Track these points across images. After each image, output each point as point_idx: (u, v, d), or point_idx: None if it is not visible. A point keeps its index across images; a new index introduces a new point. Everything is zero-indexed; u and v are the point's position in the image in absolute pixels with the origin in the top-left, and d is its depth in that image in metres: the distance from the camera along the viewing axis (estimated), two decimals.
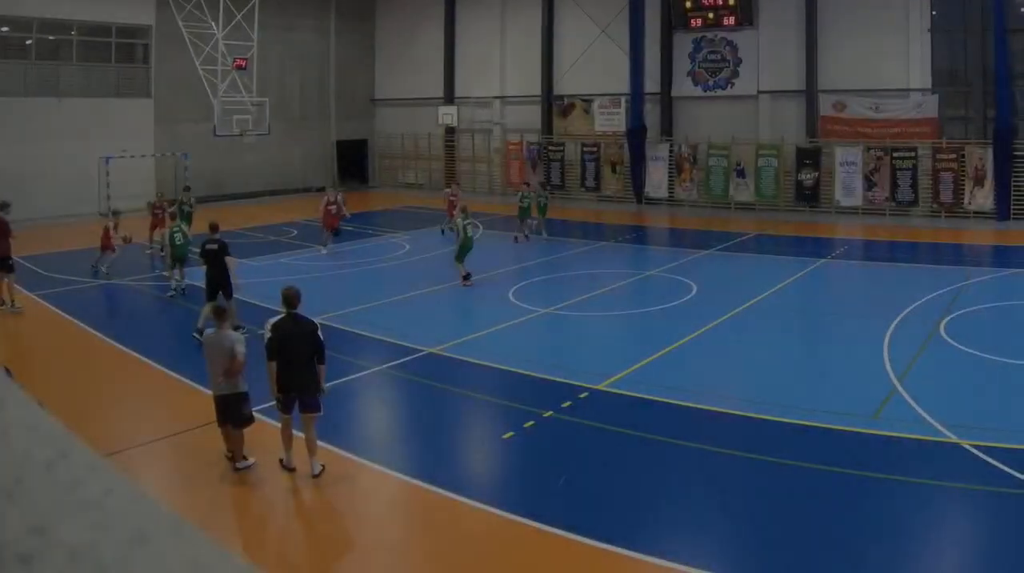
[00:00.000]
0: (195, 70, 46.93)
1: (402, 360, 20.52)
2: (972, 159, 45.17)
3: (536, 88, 58.27)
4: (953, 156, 45.60)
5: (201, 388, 17.31)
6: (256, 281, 28.49)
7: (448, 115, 60.80)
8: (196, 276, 25.73)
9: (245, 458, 14.25)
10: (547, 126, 58.17)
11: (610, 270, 29.46)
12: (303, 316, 14.06)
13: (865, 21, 48.12)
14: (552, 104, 58.03)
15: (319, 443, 14.18)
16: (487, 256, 32.75)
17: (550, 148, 57.50)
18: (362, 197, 59.09)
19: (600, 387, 18.22)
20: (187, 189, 38.23)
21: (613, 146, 54.96)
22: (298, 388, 13.78)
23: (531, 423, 16.22)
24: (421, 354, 21.00)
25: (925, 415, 16.04)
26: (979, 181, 45.15)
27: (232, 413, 14.17)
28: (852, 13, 48.41)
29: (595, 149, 55.68)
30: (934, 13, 47.28)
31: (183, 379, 19.14)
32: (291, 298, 14.03)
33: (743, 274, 30.97)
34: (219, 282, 22.15)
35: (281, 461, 14.17)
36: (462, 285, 28.33)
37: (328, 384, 14.81)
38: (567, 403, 17.13)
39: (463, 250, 28.66)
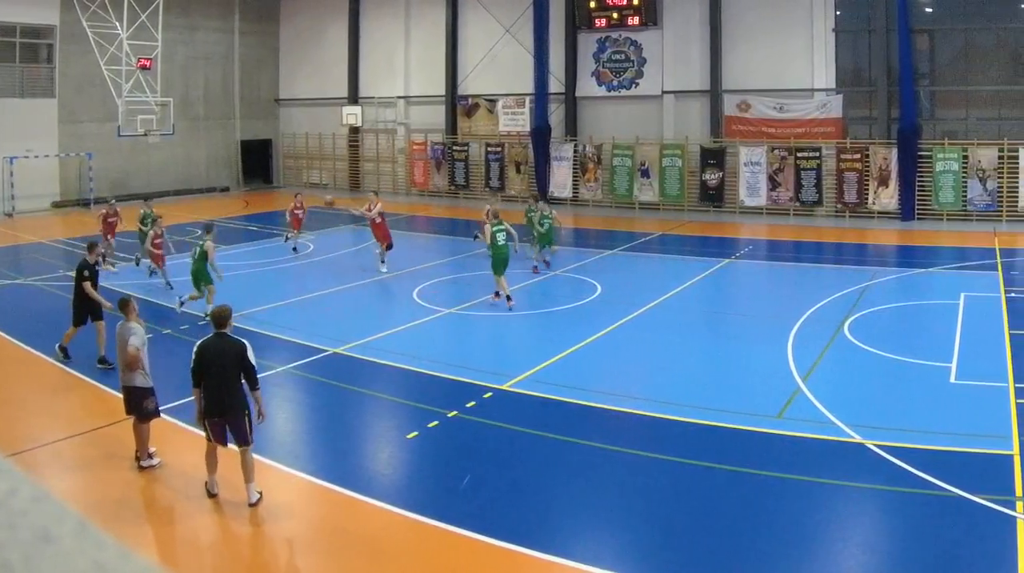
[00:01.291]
0: (99, 70, 44.76)
1: (306, 360, 19.86)
2: (876, 159, 42.92)
3: (440, 88, 55.54)
4: (857, 156, 43.37)
5: (104, 387, 17.48)
6: (159, 281, 27.72)
7: (352, 115, 57.87)
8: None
9: (150, 456, 13.79)
10: (451, 126, 55.34)
11: (514, 270, 27.32)
12: (232, 336, 12.94)
13: (769, 21, 45.86)
14: (456, 104, 55.21)
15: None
16: (391, 256, 31.17)
17: (454, 148, 54.68)
18: (266, 197, 57.15)
19: (504, 387, 17.68)
20: (148, 199, 32.90)
21: (517, 146, 52.39)
22: (221, 412, 12.49)
23: (435, 423, 15.78)
24: (325, 354, 20.39)
25: (829, 415, 15.68)
26: (883, 181, 42.93)
27: (133, 406, 13.75)
28: (756, 13, 46.06)
29: (499, 149, 53.02)
30: (838, 13, 45.03)
31: (87, 379, 18.56)
32: (217, 318, 13.02)
33: (647, 274, 30.02)
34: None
35: (206, 484, 12.90)
36: (492, 299, 25.28)
37: None
38: (471, 403, 16.66)
39: (497, 262, 24.91)
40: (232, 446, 12.68)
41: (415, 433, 15.43)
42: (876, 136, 43.90)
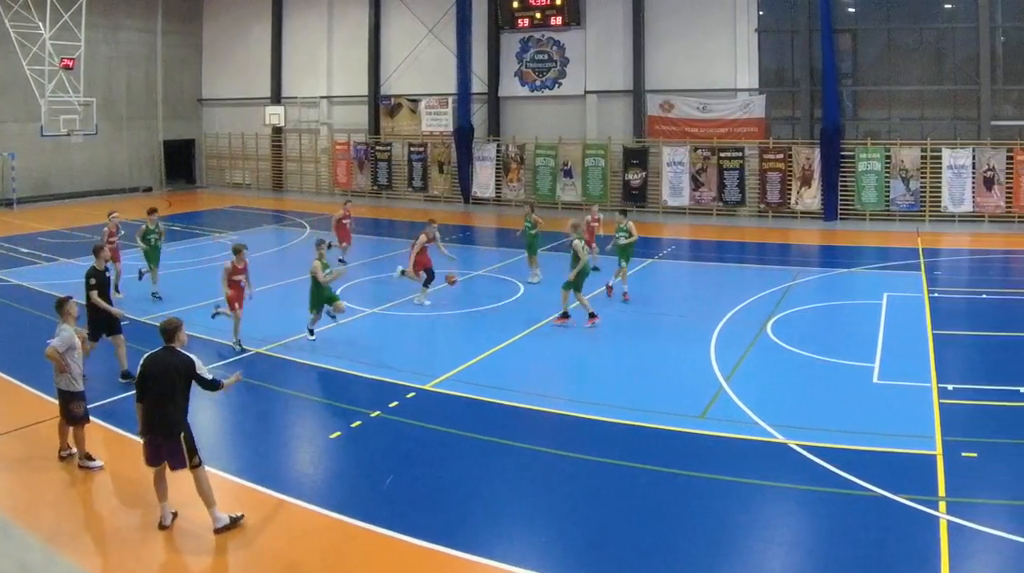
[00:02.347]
0: (22, 70, 42.54)
1: (229, 361, 18.84)
2: (799, 159, 40.89)
3: (363, 88, 52.84)
4: (780, 156, 41.30)
5: (29, 388, 16.93)
6: (81, 281, 25.60)
7: (275, 115, 54.89)
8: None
9: (91, 458, 13.30)
10: (374, 126, 52.66)
11: (437, 270, 26.02)
12: (181, 352, 11.71)
13: (692, 21, 43.65)
14: (379, 104, 52.65)
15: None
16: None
17: (377, 148, 52.07)
18: (189, 197, 54.85)
19: (427, 387, 17.15)
20: (153, 211, 27.10)
21: (440, 146, 49.96)
22: (159, 429, 11.34)
23: (358, 423, 15.31)
24: (248, 355, 19.53)
25: (752, 415, 15.26)
26: (806, 181, 40.83)
27: (61, 409, 13.27)
28: (679, 13, 43.78)
29: (422, 149, 50.57)
30: (761, 13, 42.78)
31: (12, 380, 17.71)
32: (164, 330, 11.79)
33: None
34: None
35: (160, 517, 11.69)
36: (557, 322, 22.06)
37: None
38: (394, 403, 16.15)
39: (582, 276, 21.84)
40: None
41: (338, 433, 14.97)
42: (799, 136, 41.88)
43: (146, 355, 11.70)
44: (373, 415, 15.59)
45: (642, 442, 14.42)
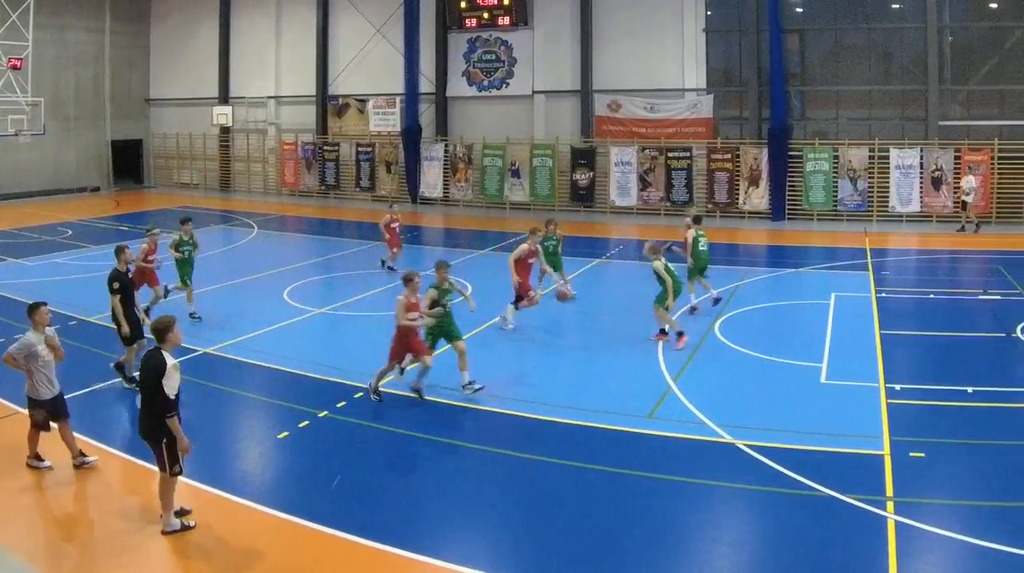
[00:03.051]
0: None
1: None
2: (747, 159, 39.29)
3: (311, 88, 50.60)
4: (728, 156, 39.69)
5: None
6: (29, 281, 26.12)
7: (223, 115, 52.49)
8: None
9: (40, 458, 12.83)
10: (322, 126, 50.50)
11: (385, 270, 26.19)
12: (162, 354, 10.99)
13: (640, 21, 41.99)
14: (327, 104, 50.50)
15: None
16: (262, 255, 30.06)
17: (325, 148, 49.86)
18: (137, 197, 52.56)
19: None
20: (187, 221, 23.54)
21: (388, 146, 47.88)
22: (143, 432, 11.04)
23: (306, 423, 14.80)
24: (196, 354, 18.71)
25: (700, 415, 14.85)
26: (754, 181, 39.22)
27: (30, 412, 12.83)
28: (627, 13, 42.11)
29: (370, 149, 48.43)
30: (709, 13, 41.12)
31: None
32: (153, 330, 11.28)
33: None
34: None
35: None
36: (656, 339, 19.67)
37: (101, 384, 14.13)
38: (342, 403, 15.64)
39: (676, 292, 19.54)
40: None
41: (286, 433, 14.40)
42: (747, 136, 40.31)
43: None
44: (321, 415, 15.08)
45: (590, 442, 13.89)
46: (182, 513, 11.16)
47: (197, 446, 12.36)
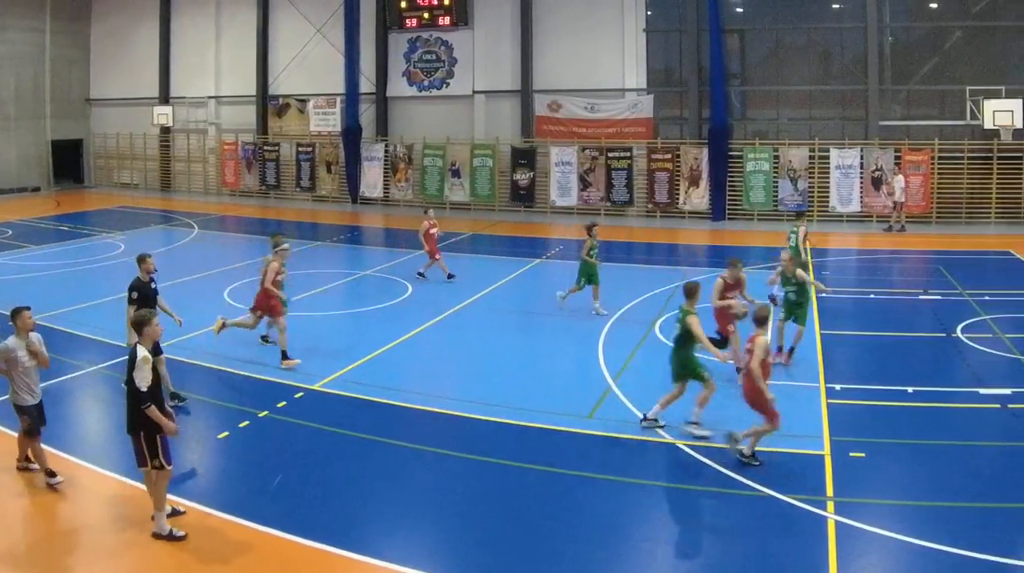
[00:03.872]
0: None
1: (117, 360, 16.83)
2: (687, 159, 37.19)
3: (252, 88, 47.47)
4: (668, 156, 37.56)
5: None
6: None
7: (163, 115, 49.17)
8: None
9: (52, 474, 11.80)
10: (262, 126, 47.43)
11: (325, 270, 25.58)
12: (139, 347, 10.39)
13: (580, 21, 39.67)
14: (267, 104, 47.53)
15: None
16: (202, 256, 28.79)
17: (265, 148, 46.80)
18: (77, 197, 49.37)
19: (315, 387, 15.87)
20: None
21: (328, 146, 45.09)
22: (127, 424, 10.42)
23: (246, 423, 14.12)
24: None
25: (640, 414, 14.00)
26: (694, 181, 37.14)
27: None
28: (567, 13, 39.81)
29: (310, 149, 45.59)
30: (649, 13, 38.94)
31: None
32: (133, 324, 11.02)
33: (459, 274, 25.73)
34: None
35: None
36: (784, 362, 17.01)
37: (43, 384, 12.32)
38: (282, 403, 15.00)
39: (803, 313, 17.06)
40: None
41: (226, 433, 13.82)
42: (687, 136, 38.12)
43: None
44: (261, 415, 14.47)
45: (530, 442, 13.42)
46: (175, 514, 10.74)
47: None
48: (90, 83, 53.72)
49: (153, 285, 15.47)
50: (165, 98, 50.09)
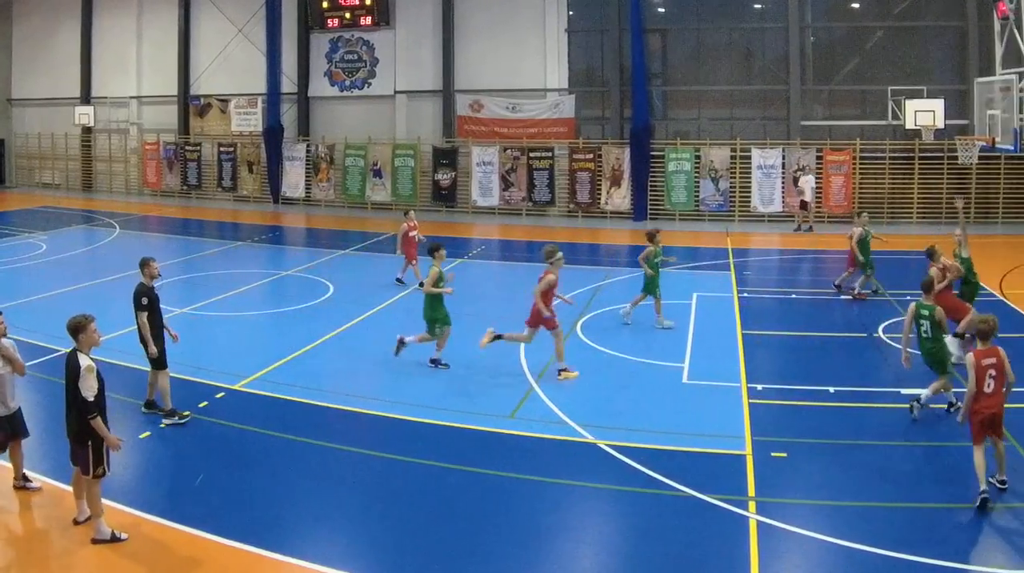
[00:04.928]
0: None
1: (39, 360, 15.49)
2: (609, 159, 34.20)
3: (173, 88, 43.47)
4: (590, 156, 34.54)
5: None
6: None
7: (85, 115, 44.92)
8: None
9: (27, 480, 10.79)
10: (184, 126, 43.52)
11: (247, 270, 24.31)
12: (79, 354, 9.74)
13: (502, 22, 36.55)
14: (189, 104, 43.65)
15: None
16: (123, 256, 25.89)
17: (187, 148, 42.98)
18: None
19: (236, 387, 14.61)
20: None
21: (250, 146, 41.36)
22: (69, 432, 9.71)
23: (168, 422, 12.86)
24: (56, 354, 15.72)
25: (561, 415, 13.15)
26: (616, 181, 34.18)
27: None
28: (489, 14, 36.64)
29: (232, 149, 41.82)
30: (571, 13, 35.83)
31: None
32: (67, 328, 9.94)
33: (380, 274, 24.47)
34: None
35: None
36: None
37: None
38: (204, 403, 13.76)
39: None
40: None
41: (147, 433, 12.63)
42: (609, 136, 35.14)
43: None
44: (183, 415, 13.29)
45: (452, 442, 12.52)
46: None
47: (56, 447, 11.13)
48: (11, 83, 49.07)
49: (157, 292, 13.73)
50: (87, 98, 45.76)
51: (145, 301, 13.35)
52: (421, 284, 21.68)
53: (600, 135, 35.78)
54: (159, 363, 13.25)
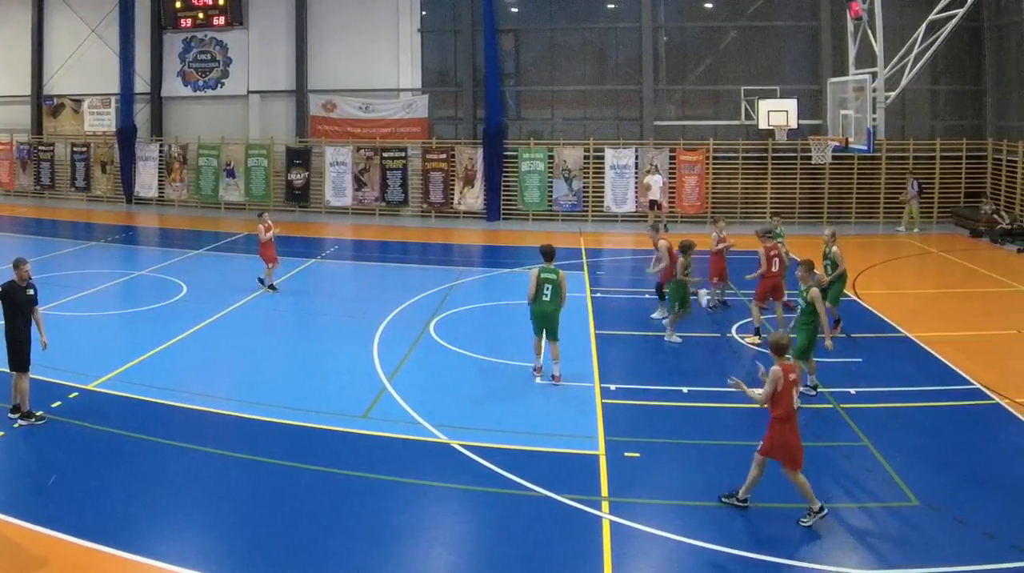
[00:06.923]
0: None
1: None
2: (462, 159, 28.99)
3: (26, 88, 36.45)
4: (443, 156, 29.29)
5: None
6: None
7: None
8: None
9: None
10: (37, 126, 36.63)
11: (99, 270, 21.29)
12: None
13: (355, 22, 31.19)
14: (42, 104, 36.80)
15: None
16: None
17: (40, 148, 36.20)
18: None
19: (90, 387, 12.64)
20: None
21: (103, 146, 34.83)
22: None
23: (21, 423, 11.27)
24: None
25: (414, 415, 11.54)
26: (469, 181, 28.99)
27: None
28: (342, 13, 31.19)
29: (85, 149, 35.16)
30: (424, 13, 30.44)
31: None
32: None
33: (233, 274, 21.63)
34: None
35: None
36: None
37: None
38: (57, 403, 11.94)
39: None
40: None
41: (2, 433, 10.83)
42: (462, 136, 29.87)
43: None
44: (36, 415, 11.25)
45: (304, 442, 10.70)
46: None
47: None
48: None
49: (31, 292, 11.60)
50: None
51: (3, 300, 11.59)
52: (261, 281, 19.13)
53: (453, 135, 30.46)
54: (21, 365, 11.44)
